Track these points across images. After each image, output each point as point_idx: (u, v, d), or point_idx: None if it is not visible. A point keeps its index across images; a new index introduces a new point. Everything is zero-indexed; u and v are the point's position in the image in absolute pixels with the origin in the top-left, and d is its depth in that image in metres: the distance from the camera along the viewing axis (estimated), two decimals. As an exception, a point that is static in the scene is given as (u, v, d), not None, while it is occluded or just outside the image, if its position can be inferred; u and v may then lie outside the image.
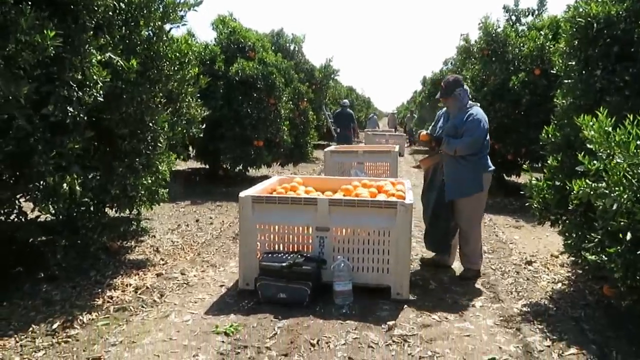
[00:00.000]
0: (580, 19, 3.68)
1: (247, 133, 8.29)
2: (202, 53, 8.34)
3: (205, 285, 3.91)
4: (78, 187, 3.34)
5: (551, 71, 4.82)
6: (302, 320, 3.15)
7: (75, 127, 3.40)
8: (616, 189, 2.56)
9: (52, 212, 3.51)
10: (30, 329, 2.99)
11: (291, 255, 3.50)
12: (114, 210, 4.33)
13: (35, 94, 3.11)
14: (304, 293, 3.38)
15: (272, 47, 10.86)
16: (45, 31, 2.92)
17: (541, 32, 7.74)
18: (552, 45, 7.16)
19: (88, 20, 3.43)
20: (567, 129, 3.69)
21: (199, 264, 4.44)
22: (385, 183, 4.43)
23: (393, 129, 23.89)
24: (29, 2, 2.96)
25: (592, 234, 2.94)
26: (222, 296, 3.66)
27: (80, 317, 3.18)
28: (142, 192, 4.26)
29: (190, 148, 9.03)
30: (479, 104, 4.18)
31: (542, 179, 3.78)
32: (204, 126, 5.67)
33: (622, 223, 2.59)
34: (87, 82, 3.36)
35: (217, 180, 9.23)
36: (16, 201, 3.77)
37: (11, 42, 2.85)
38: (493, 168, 4.08)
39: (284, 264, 3.42)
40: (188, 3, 4.23)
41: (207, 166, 9.92)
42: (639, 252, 2.52)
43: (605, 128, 2.73)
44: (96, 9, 3.49)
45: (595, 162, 2.79)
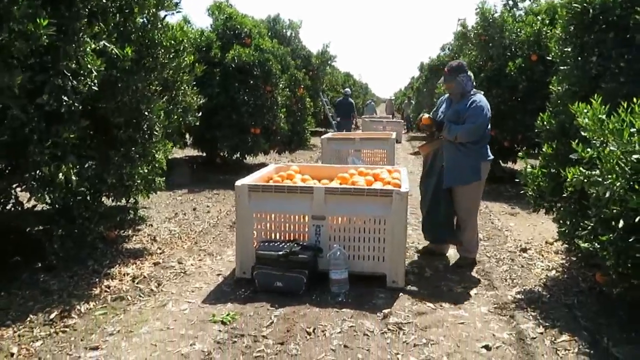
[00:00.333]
0: (576, 5, 3.67)
1: (244, 120, 8.28)
2: (198, 40, 8.28)
3: (203, 274, 3.94)
4: (74, 177, 3.33)
5: (548, 57, 4.80)
6: (299, 309, 3.18)
7: (71, 117, 3.38)
8: (609, 176, 2.57)
9: (48, 201, 3.51)
10: (28, 318, 3.02)
11: (287, 244, 3.51)
12: (110, 199, 4.34)
13: (30, 83, 3.10)
14: (300, 282, 3.40)
15: (269, 33, 10.79)
16: (38, 20, 2.89)
17: (538, 17, 7.69)
18: (549, 31, 7.12)
19: (82, 8, 3.39)
20: (562, 116, 3.69)
21: (196, 253, 4.46)
22: (382, 171, 4.43)
23: (390, 116, 23.85)
24: (21, -9, 2.93)
25: (586, 222, 2.96)
26: (219, 285, 3.68)
27: (78, 307, 3.20)
28: (139, 180, 4.26)
29: (187, 136, 9.03)
30: (482, 92, 4.13)
31: (537, 166, 3.79)
32: (200, 114, 5.66)
33: (614, 211, 2.61)
34: (82, 71, 3.34)
35: (214, 168, 9.23)
36: (12, 191, 3.77)
37: (4, 32, 2.83)
38: (492, 157, 4.06)
39: (280, 253, 3.44)
40: (182, -10, 4.19)
41: (204, 154, 9.91)
42: (631, 240, 2.54)
43: (599, 116, 2.74)
44: (89, -4, 3.46)
45: (589, 149, 2.79)
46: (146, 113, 4.17)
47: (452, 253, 4.36)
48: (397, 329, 2.97)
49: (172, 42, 4.33)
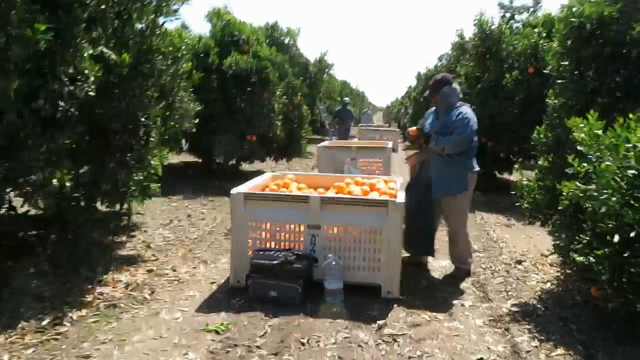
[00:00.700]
0: (573, 20, 3.69)
1: (241, 127, 8.25)
2: (196, 46, 8.28)
3: (197, 282, 3.91)
4: (68, 182, 3.31)
5: (545, 70, 4.83)
6: (293, 319, 3.15)
7: (67, 122, 3.37)
8: (605, 191, 2.59)
9: (42, 207, 3.49)
10: (20, 325, 2.97)
11: (282, 253, 3.49)
12: (105, 205, 4.31)
13: (26, 88, 3.08)
14: (295, 291, 3.38)
15: (267, 41, 10.80)
16: (36, 25, 2.89)
17: (535, 29, 7.74)
18: (545, 44, 7.16)
19: (80, 14, 3.39)
20: (559, 129, 3.71)
21: (191, 260, 4.43)
22: (378, 181, 4.43)
23: (387, 125, 23.92)
24: (20, -5, 2.92)
25: (581, 235, 2.97)
26: (213, 293, 3.66)
27: (70, 314, 3.17)
28: (134, 187, 4.23)
29: (183, 141, 9.01)
30: (470, 104, 4.14)
31: (533, 178, 3.80)
32: (197, 120, 5.65)
33: (610, 225, 2.62)
34: (79, 77, 3.33)
35: (210, 174, 9.19)
36: (6, 196, 3.74)
37: (1, 36, 2.82)
38: (478, 169, 4.08)
39: (275, 262, 3.42)
40: (181, -4, 4.20)
41: (200, 160, 9.88)
42: (626, 255, 2.55)
43: (595, 131, 2.75)
44: (88, 2, 3.46)
45: (585, 164, 2.81)
46: (143, 119, 4.16)
47: (447, 264, 4.35)
48: (391, 340, 2.95)
49: (170, 48, 4.33)
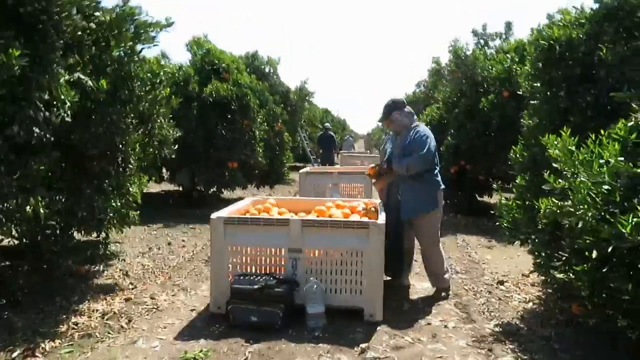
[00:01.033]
0: (543, 42, 3.80)
1: (221, 154, 8.24)
2: (176, 74, 8.31)
3: (176, 309, 3.82)
4: (43, 210, 3.23)
5: (519, 92, 4.94)
6: (274, 344, 3.09)
7: (42, 148, 3.31)
8: (581, 207, 2.61)
9: (16, 235, 3.40)
10: (-11, 358, 2.86)
11: (263, 278, 3.45)
12: (81, 233, 4.22)
13: (0, 114, 3.04)
14: (276, 316, 3.32)
15: (247, 69, 10.90)
16: (10, 50, 2.86)
17: (508, 55, 7.95)
18: (519, 68, 7.36)
19: (57, 40, 3.36)
20: (534, 148, 3.76)
21: (170, 288, 4.34)
22: (359, 204, 4.43)
23: (368, 151, 24.11)
24: (-7, 21, 2.91)
25: (560, 253, 2.98)
26: (192, 320, 3.57)
27: (43, 345, 3.05)
28: (111, 214, 4.16)
29: (163, 170, 8.93)
30: (424, 123, 4.19)
31: (511, 198, 3.83)
32: (177, 147, 5.62)
33: (587, 241, 2.63)
34: (55, 102, 3.28)
35: (191, 202, 9.10)
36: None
37: (-26, 62, 2.79)
38: (444, 187, 4.16)
39: (255, 287, 3.37)
40: (160, 24, 4.22)
41: (180, 188, 9.79)
42: (605, 270, 2.56)
43: (569, 147, 2.80)
44: (65, 28, 3.44)
45: (560, 180, 2.84)
46: (121, 145, 4.12)
47: (428, 285, 4.33)
48: (375, 363, 2.90)
49: (149, 75, 4.33)
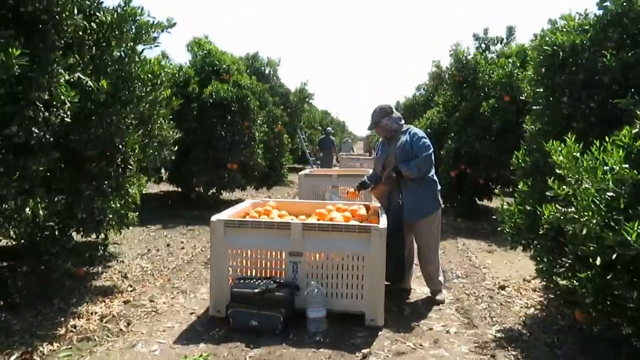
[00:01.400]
0: (546, 47, 3.78)
1: (221, 156, 8.22)
2: (177, 75, 8.28)
3: (175, 312, 3.78)
4: (42, 211, 3.20)
5: (520, 97, 4.93)
6: (275, 349, 3.06)
7: (41, 149, 3.28)
8: (585, 213, 2.59)
9: (14, 236, 3.37)
10: (-15, 361, 2.83)
11: (264, 281, 3.42)
12: (80, 234, 4.19)
13: (-1, 114, 3.01)
14: (277, 320, 3.30)
15: (247, 70, 10.89)
16: (10, 49, 2.83)
17: (509, 59, 7.95)
18: (520, 73, 7.36)
19: (57, 40, 3.34)
20: (537, 154, 3.75)
21: (169, 291, 4.30)
22: (359, 207, 4.41)
23: (367, 153, 24.08)
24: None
25: (563, 259, 2.96)
26: (192, 324, 3.54)
27: (41, 348, 3.02)
28: (110, 215, 4.13)
29: (162, 171, 8.90)
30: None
31: (513, 203, 3.82)
32: (176, 148, 5.59)
33: (591, 248, 2.62)
34: (54, 102, 3.26)
35: (190, 203, 9.07)
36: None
37: (-27, 61, 2.76)
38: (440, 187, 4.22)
39: (256, 290, 3.34)
40: (161, 24, 4.19)
41: (179, 189, 9.76)
42: (609, 277, 2.54)
43: (574, 153, 2.78)
44: (65, 28, 3.42)
45: (564, 187, 2.82)
46: (120, 146, 4.09)
47: (427, 290, 4.31)
48: (376, 369, 2.87)
49: (149, 75, 4.30)
